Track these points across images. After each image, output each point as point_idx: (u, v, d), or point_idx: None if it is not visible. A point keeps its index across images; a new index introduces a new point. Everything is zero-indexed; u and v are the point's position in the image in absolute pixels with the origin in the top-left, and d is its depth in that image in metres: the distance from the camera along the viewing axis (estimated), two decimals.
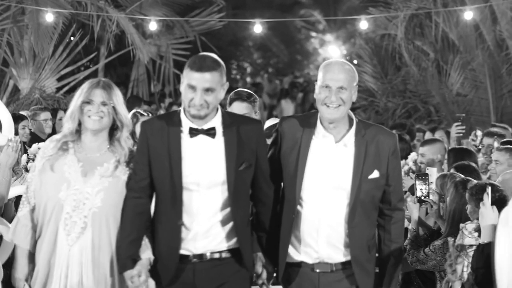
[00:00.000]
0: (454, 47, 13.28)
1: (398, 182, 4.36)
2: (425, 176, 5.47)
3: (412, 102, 13.65)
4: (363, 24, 13.10)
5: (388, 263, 4.34)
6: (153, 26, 13.03)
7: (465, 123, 7.92)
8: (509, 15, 12.57)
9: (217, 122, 4.19)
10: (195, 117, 4.14)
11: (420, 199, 5.39)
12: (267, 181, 4.30)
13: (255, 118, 5.23)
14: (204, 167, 4.15)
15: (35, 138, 8.07)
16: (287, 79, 22.28)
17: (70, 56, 12.78)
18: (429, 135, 9.51)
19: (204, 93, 4.09)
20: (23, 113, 8.59)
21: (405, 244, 5.23)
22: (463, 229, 4.76)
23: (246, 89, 5.64)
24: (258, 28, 13.18)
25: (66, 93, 12.71)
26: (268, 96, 20.39)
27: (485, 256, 4.19)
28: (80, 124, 4.29)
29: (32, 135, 8.29)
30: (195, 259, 4.19)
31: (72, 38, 12.83)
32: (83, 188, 4.20)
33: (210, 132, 4.16)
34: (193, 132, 4.16)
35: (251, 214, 4.37)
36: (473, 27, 12.94)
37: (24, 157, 6.49)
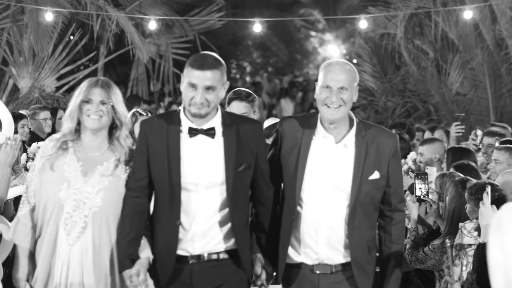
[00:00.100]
0: (454, 46, 13.28)
1: (398, 183, 4.33)
2: (424, 175, 5.46)
3: (412, 102, 13.65)
4: (363, 24, 13.10)
5: (389, 264, 4.31)
6: (152, 25, 13.02)
7: (464, 122, 7.93)
8: (509, 14, 12.57)
9: (217, 122, 4.16)
10: (195, 115, 4.10)
11: (420, 198, 5.38)
12: (266, 182, 4.27)
13: (254, 117, 5.22)
14: (203, 167, 4.12)
15: (34, 137, 8.06)
16: (287, 78, 22.25)
17: (70, 55, 12.77)
18: (429, 134, 9.52)
19: (205, 92, 4.06)
20: (22, 112, 8.59)
21: (404, 243, 5.22)
22: (462, 228, 4.76)
23: (245, 89, 5.63)
24: (257, 27, 13.18)
25: (66, 92, 12.71)
26: (267, 95, 20.40)
27: (485, 255, 4.18)
28: (79, 123, 4.28)
29: (32, 134, 8.29)
30: (192, 260, 4.16)
31: (71, 37, 12.81)
32: (84, 188, 4.19)
33: (210, 132, 4.13)
34: (193, 132, 4.13)
35: (250, 214, 4.35)
36: (473, 26, 12.94)
37: (24, 156, 6.49)
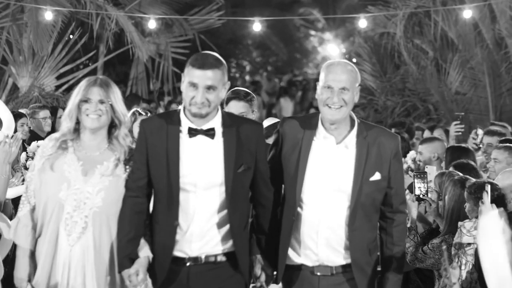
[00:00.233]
0: (453, 45, 13.27)
1: (400, 185, 4.30)
2: (423, 174, 5.45)
3: (411, 101, 13.64)
4: (362, 23, 13.10)
5: (391, 266, 4.28)
6: (152, 24, 13.03)
7: (464, 121, 7.92)
8: (508, 13, 12.58)
9: (216, 123, 4.13)
10: (196, 115, 4.08)
11: (419, 197, 5.37)
12: (266, 184, 4.24)
13: (253, 117, 5.21)
14: (202, 168, 4.09)
15: (34, 136, 8.06)
16: (286, 77, 22.24)
17: (69, 54, 12.76)
18: (428, 133, 9.52)
19: (205, 91, 4.04)
20: (22, 111, 8.60)
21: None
22: (462, 227, 4.75)
23: (243, 88, 5.61)
24: (257, 26, 13.19)
25: (65, 91, 12.70)
26: (267, 95, 20.40)
27: None
28: (78, 123, 4.27)
29: (31, 133, 8.29)
30: (190, 262, 4.14)
31: (71, 36, 12.80)
32: (84, 188, 4.18)
33: (209, 133, 4.11)
34: (192, 132, 4.10)
35: (250, 216, 4.31)
36: (472, 25, 12.94)
37: (23, 155, 6.50)
